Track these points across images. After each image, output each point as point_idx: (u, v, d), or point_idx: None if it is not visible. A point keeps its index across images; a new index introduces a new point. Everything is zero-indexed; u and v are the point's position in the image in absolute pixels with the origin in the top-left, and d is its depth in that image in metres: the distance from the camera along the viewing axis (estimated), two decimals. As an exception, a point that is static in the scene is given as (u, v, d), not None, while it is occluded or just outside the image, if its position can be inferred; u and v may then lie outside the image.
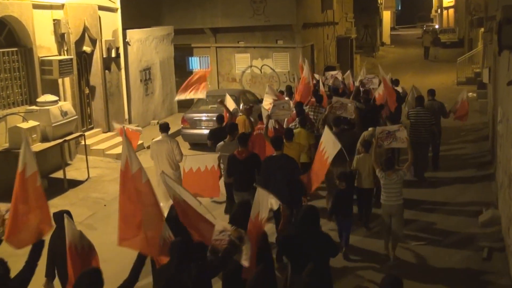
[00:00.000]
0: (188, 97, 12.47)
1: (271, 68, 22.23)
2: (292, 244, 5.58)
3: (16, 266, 4.90)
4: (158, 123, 18.35)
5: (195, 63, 23.10)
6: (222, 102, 12.07)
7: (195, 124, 15.35)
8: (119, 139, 15.44)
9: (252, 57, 22.27)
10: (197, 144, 15.50)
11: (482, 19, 17.77)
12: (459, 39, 41.59)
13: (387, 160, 8.28)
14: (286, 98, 12.47)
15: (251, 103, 15.42)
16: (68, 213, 5.66)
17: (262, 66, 22.33)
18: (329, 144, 8.07)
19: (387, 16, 49.54)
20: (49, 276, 6.00)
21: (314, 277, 5.00)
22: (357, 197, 9.28)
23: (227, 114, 11.70)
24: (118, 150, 14.71)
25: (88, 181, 12.73)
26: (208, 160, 8.99)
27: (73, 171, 13.35)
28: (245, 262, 5.11)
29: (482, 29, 20.60)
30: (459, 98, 13.23)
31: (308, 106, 11.93)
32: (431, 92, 12.87)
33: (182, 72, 22.40)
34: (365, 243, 8.90)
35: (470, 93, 22.31)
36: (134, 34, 17.89)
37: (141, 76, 18.36)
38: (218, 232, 5.24)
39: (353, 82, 15.51)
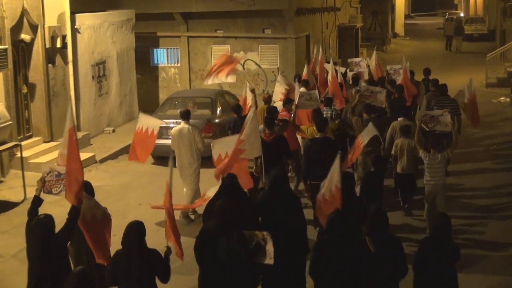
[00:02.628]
0: (217, 81, 14.44)
1: (256, 64, 22.37)
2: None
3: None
4: (113, 131, 18.41)
5: (162, 56, 23.26)
6: (253, 91, 13.86)
7: (161, 132, 14.90)
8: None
9: (233, 49, 22.25)
10: (164, 158, 15.33)
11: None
12: (489, 30, 42.20)
13: (434, 138, 10.66)
14: (302, 88, 14.11)
15: (231, 106, 15.56)
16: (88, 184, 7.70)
17: (246, 61, 22.39)
18: (367, 134, 10.25)
19: (400, 1, 50.09)
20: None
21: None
22: (397, 184, 11.80)
23: (247, 103, 13.40)
24: (63, 164, 14.66)
25: (25, 203, 12.53)
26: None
27: (6, 191, 13.30)
28: (270, 261, 6.92)
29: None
30: (465, 89, 14.08)
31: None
32: (442, 88, 14.32)
33: (145, 67, 22.64)
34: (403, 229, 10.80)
35: (502, 98, 22.67)
36: (85, 20, 17.94)
37: (94, 71, 18.40)
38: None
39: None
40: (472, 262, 9.44)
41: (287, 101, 13.28)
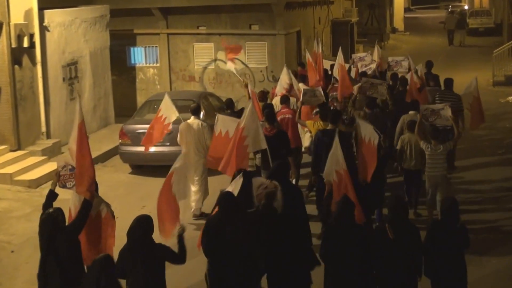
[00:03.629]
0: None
1: (242, 63, 22.24)
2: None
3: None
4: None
5: (139, 56, 23.21)
6: (247, 86, 14.77)
7: (139, 139, 15.10)
8: (33, 159, 15.34)
9: (217, 47, 22.29)
10: (141, 167, 15.62)
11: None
12: (496, 24, 42.39)
13: (434, 129, 11.55)
14: (300, 84, 15.47)
15: (216, 109, 15.76)
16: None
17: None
18: (367, 131, 10.47)
19: (399, -7, 50.27)
20: None
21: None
22: (404, 180, 12.51)
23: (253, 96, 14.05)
24: (31, 175, 14.62)
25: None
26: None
27: (-31, 205, 13.31)
28: (279, 208, 7.87)
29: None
30: (466, 90, 14.53)
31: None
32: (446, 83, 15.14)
33: (121, 67, 22.64)
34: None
35: (511, 97, 22.75)
36: (55, 16, 17.87)
37: (65, 73, 18.36)
38: (257, 187, 8.06)
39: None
40: (487, 248, 10.66)
41: (285, 99, 14.05)
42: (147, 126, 14.82)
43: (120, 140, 15.85)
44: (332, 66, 17.86)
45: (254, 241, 7.64)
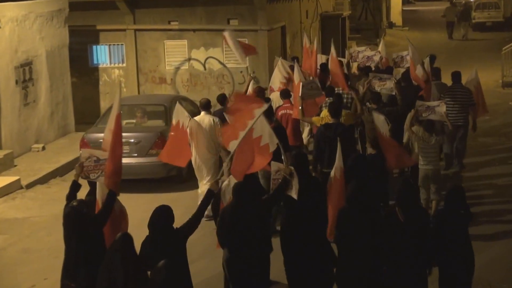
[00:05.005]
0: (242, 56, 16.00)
1: (220, 63, 22.25)
2: None
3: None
4: (43, 148, 18.32)
5: (103, 55, 23.07)
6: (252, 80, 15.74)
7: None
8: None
9: (192, 45, 22.32)
10: None
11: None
12: (505, 18, 42.71)
13: (427, 122, 12.55)
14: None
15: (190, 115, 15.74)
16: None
17: (207, 59, 22.37)
18: (379, 122, 12.13)
19: (397, -16, 50.44)
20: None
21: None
22: (412, 174, 13.48)
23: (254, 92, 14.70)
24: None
25: None
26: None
27: None
28: (294, 195, 8.89)
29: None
30: (469, 84, 15.77)
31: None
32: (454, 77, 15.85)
33: (82, 68, 22.55)
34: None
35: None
36: (6, 10, 17.80)
37: (18, 75, 18.30)
38: (275, 172, 9.21)
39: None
40: (500, 235, 12.21)
41: (287, 93, 14.91)
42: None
43: (81, 151, 15.32)
44: (322, 66, 18.24)
45: (267, 227, 9.06)
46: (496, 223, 12.83)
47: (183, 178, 15.10)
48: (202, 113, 13.32)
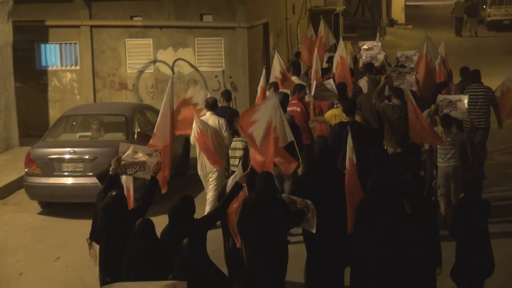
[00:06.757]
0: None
1: (191, 66, 21.72)
2: None
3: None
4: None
5: (53, 55, 22.30)
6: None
7: (51, 167, 15.01)
8: None
9: (158, 45, 21.72)
10: (54, 205, 15.21)
11: None
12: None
13: (444, 116, 12.98)
14: (294, 77, 17.43)
15: (222, 92, 16.32)
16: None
17: (176, 61, 21.67)
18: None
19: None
20: (93, 238, 9.80)
21: None
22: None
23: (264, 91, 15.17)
24: None
25: None
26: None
27: None
28: (312, 230, 9.46)
29: None
30: (498, 92, 15.75)
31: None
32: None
33: (28, 71, 21.96)
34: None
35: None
36: None
37: (-47, 79, 17.71)
38: (289, 203, 9.66)
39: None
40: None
41: (300, 87, 15.48)
42: (63, 150, 14.96)
43: (26, 169, 15.25)
44: (330, 58, 18.44)
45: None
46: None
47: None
48: (208, 113, 13.50)
